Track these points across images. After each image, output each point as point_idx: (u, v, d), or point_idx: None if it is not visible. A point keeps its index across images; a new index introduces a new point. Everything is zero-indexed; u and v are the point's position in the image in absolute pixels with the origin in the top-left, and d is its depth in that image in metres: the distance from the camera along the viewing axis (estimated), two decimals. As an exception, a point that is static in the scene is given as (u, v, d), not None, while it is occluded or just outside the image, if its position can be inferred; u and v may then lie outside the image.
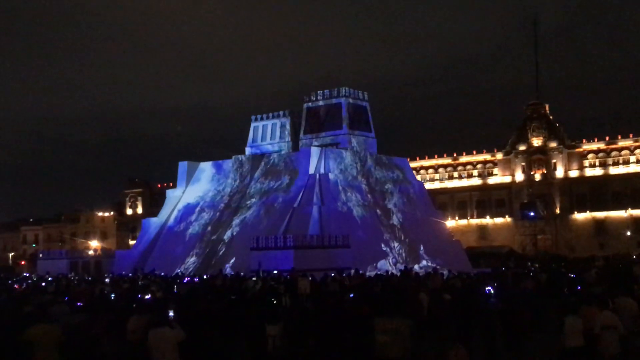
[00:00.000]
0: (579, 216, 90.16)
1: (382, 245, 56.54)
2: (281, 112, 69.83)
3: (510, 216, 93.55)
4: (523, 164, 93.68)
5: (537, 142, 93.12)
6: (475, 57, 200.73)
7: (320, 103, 66.69)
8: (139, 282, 33.62)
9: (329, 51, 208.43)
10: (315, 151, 60.67)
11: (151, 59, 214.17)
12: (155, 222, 67.05)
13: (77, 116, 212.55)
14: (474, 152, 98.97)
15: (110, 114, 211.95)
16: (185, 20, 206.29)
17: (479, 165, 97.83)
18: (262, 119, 70.27)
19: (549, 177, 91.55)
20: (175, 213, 65.59)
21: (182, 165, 68.54)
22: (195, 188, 66.46)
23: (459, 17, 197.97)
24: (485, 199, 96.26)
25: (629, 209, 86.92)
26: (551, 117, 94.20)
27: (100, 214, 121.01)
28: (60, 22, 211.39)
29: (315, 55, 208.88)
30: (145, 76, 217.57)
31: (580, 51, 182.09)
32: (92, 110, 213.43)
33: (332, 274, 36.30)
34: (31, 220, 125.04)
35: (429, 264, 55.60)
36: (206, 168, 67.63)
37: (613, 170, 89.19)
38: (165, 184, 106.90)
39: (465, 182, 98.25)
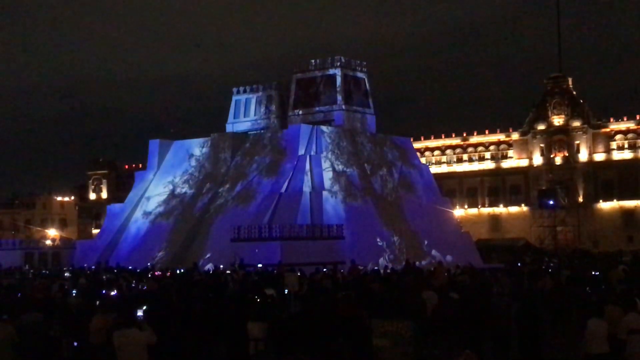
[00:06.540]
0: (605, 205, 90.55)
1: (379, 239, 56.48)
2: (267, 85, 69.65)
3: (526, 205, 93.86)
4: (542, 145, 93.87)
5: (558, 120, 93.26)
6: (488, 23, 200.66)
7: (312, 74, 66.51)
8: (104, 277, 33.70)
9: (322, 14, 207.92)
10: (305, 129, 60.59)
11: (116, 23, 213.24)
12: (122, 208, 66.96)
13: (33, 87, 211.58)
14: (487, 132, 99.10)
15: (71, 84, 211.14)
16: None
17: (491, 147, 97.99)
18: (245, 91, 70.09)
19: (571, 160, 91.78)
20: (144, 199, 65.47)
21: (153, 144, 68.30)
22: (168, 170, 66.27)
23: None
24: (498, 185, 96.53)
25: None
26: (574, 93, 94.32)
27: (59, 198, 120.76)
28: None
29: (306, 19, 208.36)
30: (110, 42, 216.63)
31: (609, 17, 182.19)
32: (51, 80, 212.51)
33: (325, 269, 36.45)
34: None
35: (434, 260, 55.67)
36: (181, 148, 67.39)
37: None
38: (133, 165, 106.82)
39: (476, 166, 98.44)
